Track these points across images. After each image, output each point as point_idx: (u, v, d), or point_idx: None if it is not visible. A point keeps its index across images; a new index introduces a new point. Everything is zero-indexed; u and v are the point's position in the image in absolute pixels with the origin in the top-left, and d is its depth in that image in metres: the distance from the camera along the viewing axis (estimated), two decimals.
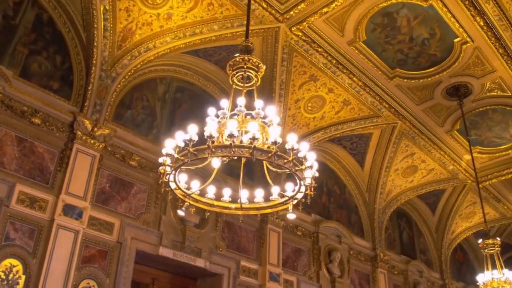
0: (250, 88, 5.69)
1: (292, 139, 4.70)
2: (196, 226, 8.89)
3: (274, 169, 5.07)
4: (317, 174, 4.82)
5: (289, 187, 5.15)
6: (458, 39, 9.52)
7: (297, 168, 4.66)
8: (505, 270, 9.33)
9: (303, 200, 5.01)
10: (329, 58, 9.80)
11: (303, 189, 5.08)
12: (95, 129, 7.87)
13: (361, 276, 12.10)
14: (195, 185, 5.42)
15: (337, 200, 12.46)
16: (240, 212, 5.59)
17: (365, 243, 12.56)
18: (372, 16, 9.16)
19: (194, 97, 10.19)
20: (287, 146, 4.67)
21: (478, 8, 8.67)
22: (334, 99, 10.89)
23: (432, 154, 12.67)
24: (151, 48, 8.84)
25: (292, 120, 10.95)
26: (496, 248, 9.42)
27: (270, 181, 5.25)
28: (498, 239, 9.75)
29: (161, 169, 5.08)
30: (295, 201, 5.27)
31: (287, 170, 4.83)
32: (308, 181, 4.75)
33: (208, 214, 6.02)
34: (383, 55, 10.02)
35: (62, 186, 7.33)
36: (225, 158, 5.06)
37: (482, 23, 8.93)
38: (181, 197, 5.33)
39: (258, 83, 5.68)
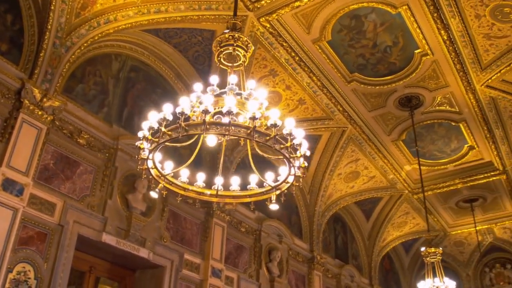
0: (237, 69, 5.39)
1: (290, 124, 4.46)
2: (142, 214, 8.40)
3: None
4: (308, 153, 4.59)
5: (269, 176, 4.95)
6: (419, 50, 9.70)
7: (292, 155, 4.43)
8: (446, 279, 9.62)
9: (295, 185, 4.80)
10: (293, 54, 9.63)
11: (287, 181, 4.90)
12: (44, 99, 7.18)
13: (298, 277, 12.06)
14: (169, 166, 5.06)
15: (279, 200, 12.30)
16: (215, 199, 5.31)
17: (303, 244, 12.53)
18: (341, 17, 9.10)
19: (149, 79, 9.66)
20: (284, 131, 4.44)
21: (444, 22, 8.86)
22: (290, 97, 10.75)
23: (375, 162, 12.88)
24: (111, 20, 8.23)
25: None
26: (438, 257, 9.69)
27: (254, 168, 4.99)
28: (440, 248, 10.03)
29: (139, 143, 4.65)
30: (277, 192, 5.07)
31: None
32: (297, 164, 4.52)
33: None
34: (344, 58, 10.01)
35: (3, 158, 6.60)
36: (220, 137, 4.81)
37: (445, 37, 9.14)
38: (156, 177, 4.94)
39: (246, 63, 5.40)
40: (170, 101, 10.00)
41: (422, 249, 10.20)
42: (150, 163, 4.82)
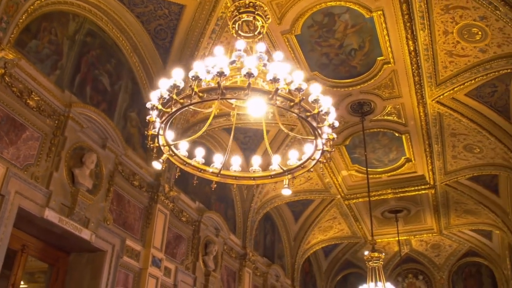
0: (247, 40, 5.05)
1: (316, 90, 4.16)
2: (88, 191, 7.64)
3: None
4: (337, 124, 4.31)
5: (294, 155, 4.68)
6: (382, 57, 9.81)
7: (319, 125, 4.12)
8: (388, 284, 9.78)
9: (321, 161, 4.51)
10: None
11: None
12: None
13: (229, 273, 11.73)
14: (170, 136, 4.62)
15: (218, 192, 11.93)
16: (215, 178, 4.90)
17: (236, 240, 12.22)
18: (315, 12, 8.96)
19: (104, 47, 8.86)
20: (310, 98, 4.13)
21: (414, 33, 9.01)
22: None
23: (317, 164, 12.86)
24: None
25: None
26: (380, 262, 9.82)
27: (269, 148, 4.67)
28: (383, 254, 10.18)
29: (149, 117, 4.23)
30: (289, 176, 4.80)
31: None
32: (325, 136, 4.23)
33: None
34: (309, 55, 9.87)
35: None
36: (237, 102, 4.56)
37: (412, 48, 9.30)
38: (162, 146, 4.48)
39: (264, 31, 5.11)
40: (124, 75, 9.32)
41: (366, 253, 10.32)
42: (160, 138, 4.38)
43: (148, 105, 4.32)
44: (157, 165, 4.77)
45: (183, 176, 10.25)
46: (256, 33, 5.16)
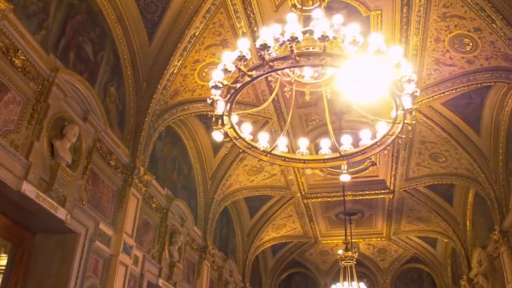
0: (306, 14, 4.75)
1: (397, 53, 3.89)
2: (68, 166, 6.95)
3: None
4: (418, 92, 4.04)
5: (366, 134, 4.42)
6: None
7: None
8: (360, 284, 9.73)
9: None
10: (255, 29, 8.97)
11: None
12: None
13: (189, 265, 11.24)
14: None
15: (183, 180, 11.42)
16: (265, 159, 4.59)
17: (198, 231, 11.75)
18: None
19: (90, 14, 8.13)
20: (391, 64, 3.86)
21: (408, 37, 9.02)
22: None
23: None
24: None
25: (181, 80, 9.69)
26: (353, 262, 9.77)
27: (331, 130, 4.39)
28: (356, 254, 10.13)
29: (211, 98, 4.34)
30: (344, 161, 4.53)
31: None
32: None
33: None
34: None
35: None
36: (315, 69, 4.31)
37: (406, 49, 9.32)
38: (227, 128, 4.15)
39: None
40: (106, 46, 8.67)
41: (340, 252, 10.25)
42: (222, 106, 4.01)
43: (211, 83, 4.14)
44: (217, 135, 4.40)
45: (153, 159, 9.77)
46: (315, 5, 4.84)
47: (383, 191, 13.81)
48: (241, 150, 4.73)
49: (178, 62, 9.16)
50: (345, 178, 4.74)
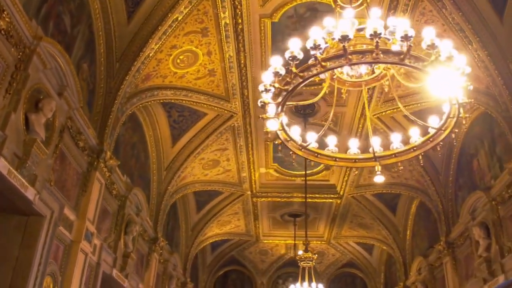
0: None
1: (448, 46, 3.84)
2: (42, 143, 6.43)
3: None
4: (471, 87, 4.03)
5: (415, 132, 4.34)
6: None
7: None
8: (319, 285, 9.79)
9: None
10: (239, 21, 8.80)
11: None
12: None
13: (139, 256, 10.79)
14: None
15: (140, 168, 10.98)
16: (309, 157, 4.51)
17: (150, 222, 11.33)
18: (300, 4, 8.75)
19: None
20: (423, 45, 3.79)
21: None
22: (205, 64, 9.76)
23: (239, 156, 12.56)
24: None
25: (155, 64, 9.31)
26: (312, 262, 9.82)
27: (370, 130, 4.31)
28: (316, 255, 10.18)
29: (261, 100, 4.22)
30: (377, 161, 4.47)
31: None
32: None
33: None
34: (277, 45, 9.60)
35: None
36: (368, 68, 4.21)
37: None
38: (278, 130, 4.04)
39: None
40: (83, 20, 8.17)
41: (300, 252, 10.26)
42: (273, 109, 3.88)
43: (261, 87, 4.11)
44: (272, 124, 4.22)
45: (115, 144, 9.31)
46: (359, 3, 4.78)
47: (332, 196, 14.05)
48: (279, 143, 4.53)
49: (155, 45, 8.78)
50: (379, 179, 4.68)
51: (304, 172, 13.54)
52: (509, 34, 8.14)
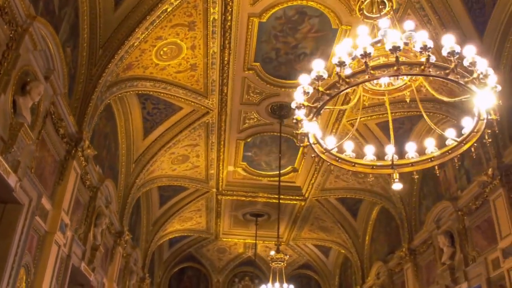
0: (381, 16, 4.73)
1: (470, 51, 3.90)
2: (28, 126, 6.14)
3: None
4: (499, 87, 3.98)
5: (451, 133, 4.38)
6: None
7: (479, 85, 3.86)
8: (290, 285, 9.85)
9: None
10: (229, 17, 8.72)
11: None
12: None
13: (105, 250, 10.46)
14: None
15: (110, 160, 10.67)
16: (331, 161, 4.52)
17: (116, 215, 11.01)
18: (291, 6, 8.76)
19: None
20: (465, 62, 3.88)
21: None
22: (187, 58, 9.61)
23: (210, 153, 12.45)
24: None
25: (138, 54, 9.09)
26: (283, 264, 9.85)
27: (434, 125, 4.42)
28: (288, 255, 10.21)
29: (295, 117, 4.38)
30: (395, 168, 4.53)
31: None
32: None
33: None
34: (261, 45, 9.59)
35: None
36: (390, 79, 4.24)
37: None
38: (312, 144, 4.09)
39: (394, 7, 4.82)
40: (70, 2, 7.92)
41: (272, 253, 10.26)
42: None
43: (293, 105, 4.27)
44: (397, 186, 4.56)
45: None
46: (385, 11, 4.83)
47: (297, 198, 14.17)
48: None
49: (141, 35, 8.56)
50: (397, 186, 4.74)
51: (271, 173, 13.67)
52: (488, 51, 8.47)
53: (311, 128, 4.36)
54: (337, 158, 4.68)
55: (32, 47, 6.15)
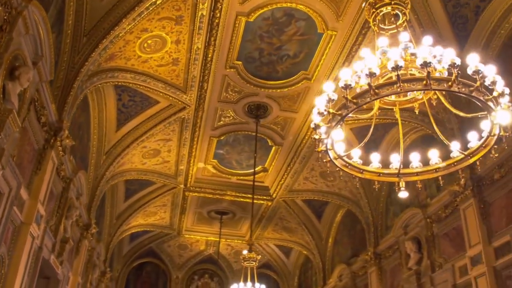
0: (393, 30, 4.80)
1: (473, 60, 4.02)
2: (16, 113, 5.89)
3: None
4: (507, 90, 4.07)
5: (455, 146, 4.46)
6: (306, 72, 10.10)
7: (487, 97, 3.96)
8: (262, 285, 9.87)
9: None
10: (217, 14, 8.64)
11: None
12: None
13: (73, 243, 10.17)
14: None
15: (82, 150, 10.37)
16: (342, 167, 4.56)
17: (84, 207, 10.73)
18: (279, 7, 8.79)
19: None
20: (469, 70, 3.99)
21: (350, 63, 9.50)
22: (170, 52, 9.47)
23: (182, 149, 12.32)
24: None
25: (122, 45, 8.89)
26: (255, 263, 9.88)
27: (443, 137, 4.47)
28: (260, 256, 10.23)
29: (312, 125, 4.43)
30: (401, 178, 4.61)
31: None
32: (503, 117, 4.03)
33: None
34: (245, 44, 9.56)
35: None
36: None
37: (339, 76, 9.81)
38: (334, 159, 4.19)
39: (407, 18, 4.89)
40: None
41: (245, 252, 10.26)
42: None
43: (312, 125, 4.41)
44: (403, 194, 4.70)
45: None
46: (398, 23, 4.91)
47: (265, 198, 14.22)
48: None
49: (128, 26, 8.37)
50: (403, 195, 4.84)
51: (241, 172, 13.68)
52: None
53: (336, 135, 4.37)
54: (347, 164, 4.74)
55: (24, 31, 5.93)
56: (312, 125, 4.45)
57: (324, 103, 4.32)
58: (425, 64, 3.94)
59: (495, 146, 4.30)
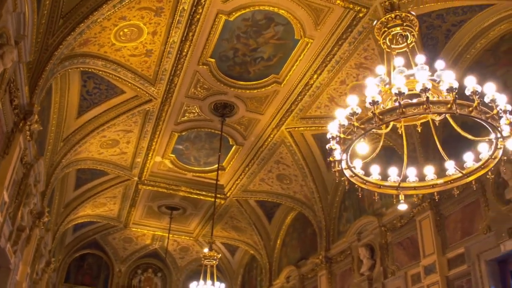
0: (402, 49, 4.97)
1: (491, 89, 4.26)
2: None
3: None
4: None
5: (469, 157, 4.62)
6: (277, 76, 10.23)
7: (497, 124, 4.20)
8: (218, 283, 9.86)
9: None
10: (199, 10, 8.57)
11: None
12: None
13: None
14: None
15: (40, 135, 9.91)
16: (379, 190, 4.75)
17: (38, 195, 10.29)
18: (260, 10, 8.85)
19: None
20: (486, 99, 4.20)
21: (320, 71, 9.75)
22: (145, 43, 9.30)
23: (141, 141, 12.09)
24: None
25: (98, 31, 8.64)
26: (214, 262, 9.86)
27: (444, 154, 4.62)
28: (220, 255, 10.20)
29: (329, 135, 4.55)
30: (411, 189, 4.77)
31: None
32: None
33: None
34: (221, 42, 9.55)
35: None
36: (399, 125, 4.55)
37: (311, 82, 10.03)
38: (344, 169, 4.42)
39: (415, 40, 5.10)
40: None
41: (206, 250, 10.19)
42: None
43: (329, 135, 4.53)
44: (402, 206, 4.95)
45: None
46: (407, 42, 5.09)
47: (219, 196, 14.18)
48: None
49: (108, 12, 8.13)
50: (402, 207, 5.03)
51: (197, 168, 13.63)
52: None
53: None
54: (364, 181, 4.86)
55: (12, 8, 5.65)
56: (327, 147, 4.61)
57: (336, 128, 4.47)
58: (424, 90, 4.13)
59: (492, 169, 4.57)
